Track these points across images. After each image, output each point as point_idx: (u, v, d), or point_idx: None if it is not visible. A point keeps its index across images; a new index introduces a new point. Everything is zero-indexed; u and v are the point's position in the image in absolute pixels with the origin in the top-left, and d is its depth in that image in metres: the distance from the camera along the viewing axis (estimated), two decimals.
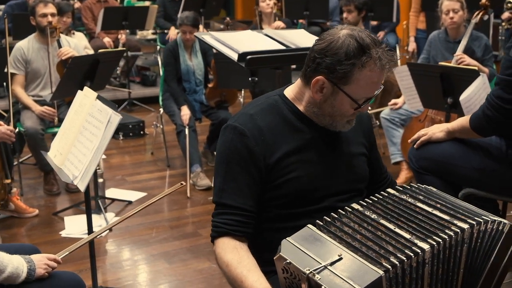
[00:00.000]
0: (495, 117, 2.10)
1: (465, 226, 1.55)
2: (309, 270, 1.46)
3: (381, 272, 1.42)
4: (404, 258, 1.47)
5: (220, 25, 10.16)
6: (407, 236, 1.54)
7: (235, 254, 1.72)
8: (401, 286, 1.49)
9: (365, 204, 1.68)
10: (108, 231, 3.95)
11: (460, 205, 1.67)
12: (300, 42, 3.54)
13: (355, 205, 1.68)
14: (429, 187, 1.77)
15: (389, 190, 1.73)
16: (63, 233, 3.94)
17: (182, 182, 2.55)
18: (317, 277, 1.44)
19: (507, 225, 1.61)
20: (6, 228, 4.02)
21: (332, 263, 1.47)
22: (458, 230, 1.54)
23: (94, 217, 4.09)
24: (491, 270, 1.65)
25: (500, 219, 1.61)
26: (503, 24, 7.14)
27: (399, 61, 7.42)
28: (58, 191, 4.63)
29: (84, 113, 2.78)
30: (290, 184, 1.79)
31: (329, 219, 1.63)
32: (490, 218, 1.59)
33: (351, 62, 1.67)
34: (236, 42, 3.38)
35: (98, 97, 2.76)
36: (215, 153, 5.49)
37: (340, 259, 1.48)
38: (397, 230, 1.56)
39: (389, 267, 1.44)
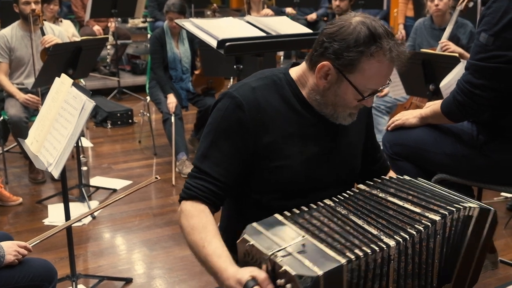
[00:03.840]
0: (465, 102, 2.09)
1: (437, 218, 1.54)
2: (271, 251, 1.45)
3: (343, 261, 1.41)
4: (369, 251, 1.45)
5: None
6: (375, 232, 1.52)
7: (202, 218, 1.67)
8: (363, 281, 1.47)
9: (337, 200, 1.68)
10: (91, 218, 3.95)
11: (433, 193, 1.66)
12: (281, 29, 3.52)
13: (327, 201, 1.67)
14: (401, 177, 1.75)
15: (360, 186, 1.71)
16: (46, 221, 3.94)
17: (157, 177, 2.55)
18: (279, 259, 1.43)
19: (476, 209, 1.60)
20: None
21: (294, 248, 1.46)
22: (429, 223, 1.52)
23: (78, 205, 4.13)
24: (466, 256, 1.65)
25: (470, 204, 1.60)
26: None
27: None
28: (43, 180, 4.63)
29: (60, 100, 2.77)
30: (281, 171, 1.74)
31: (297, 211, 1.62)
32: (461, 205, 1.58)
33: (360, 49, 1.59)
34: (216, 29, 3.37)
35: (74, 84, 2.75)
36: None
37: (303, 245, 1.47)
38: (366, 226, 1.55)
39: (352, 257, 1.43)
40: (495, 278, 3.14)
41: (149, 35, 8.53)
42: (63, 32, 4.78)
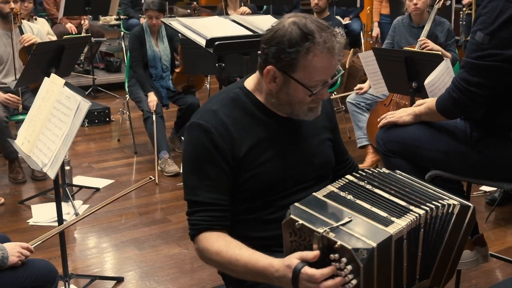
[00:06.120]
0: (461, 99, 2.15)
1: (421, 212, 1.59)
2: (323, 229, 1.49)
3: (392, 231, 1.49)
4: (409, 221, 1.53)
5: (184, 10, 10.09)
6: (384, 214, 1.58)
7: (221, 240, 1.72)
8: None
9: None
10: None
11: (413, 188, 1.70)
12: (267, 27, 3.55)
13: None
14: (381, 171, 1.79)
15: (349, 176, 1.74)
16: (31, 221, 3.90)
17: (151, 177, 2.57)
18: (332, 235, 1.47)
19: (456, 206, 1.66)
20: None
21: (343, 224, 1.51)
22: (415, 216, 1.58)
23: (62, 205, 4.07)
24: (445, 252, 1.71)
25: (451, 201, 1.66)
26: (464, 9, 7.28)
27: (363, 46, 7.52)
28: (23, 179, 4.58)
29: (52, 100, 2.75)
30: (258, 178, 1.80)
31: (330, 190, 1.66)
32: (443, 202, 1.64)
33: (295, 49, 1.66)
34: (204, 28, 3.38)
35: (66, 84, 2.74)
36: (183, 138, 5.48)
37: (351, 220, 1.52)
38: (374, 209, 1.60)
39: (399, 228, 1.51)
40: (479, 271, 3.23)
41: (122, 33, 8.47)
42: (41, 30, 4.73)
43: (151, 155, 5.12)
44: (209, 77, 6.40)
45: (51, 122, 2.69)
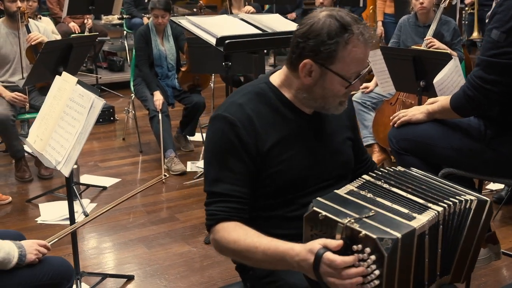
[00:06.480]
0: (476, 97, 2.17)
1: (440, 209, 1.60)
2: (347, 219, 1.49)
3: (416, 225, 1.50)
4: (430, 217, 1.54)
5: (184, 9, 10.11)
6: (405, 211, 1.58)
7: (239, 229, 1.71)
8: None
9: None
10: (84, 216, 3.93)
11: (430, 186, 1.72)
12: (276, 26, 3.56)
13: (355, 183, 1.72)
14: (397, 169, 1.81)
15: (365, 176, 1.76)
16: (39, 220, 3.91)
17: (165, 174, 2.57)
18: (356, 225, 1.47)
19: (474, 201, 1.67)
20: None
21: (367, 217, 1.51)
22: (435, 213, 1.58)
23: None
24: (464, 247, 1.72)
25: (468, 196, 1.67)
26: (466, 8, 7.30)
27: None
28: (30, 178, 4.58)
29: (64, 98, 2.76)
30: (281, 174, 1.80)
31: (351, 187, 1.68)
32: (460, 198, 1.65)
33: (335, 40, 1.68)
34: (213, 27, 3.39)
35: (78, 82, 2.75)
36: (188, 137, 5.49)
37: (374, 214, 1.53)
38: (395, 206, 1.60)
39: (422, 222, 1.52)
40: (488, 269, 3.25)
41: (125, 32, 8.49)
42: (47, 29, 4.74)
43: (156, 153, 5.12)
44: (213, 76, 6.41)
45: (64, 120, 2.70)
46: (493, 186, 4.20)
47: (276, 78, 1.87)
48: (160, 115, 4.83)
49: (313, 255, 1.48)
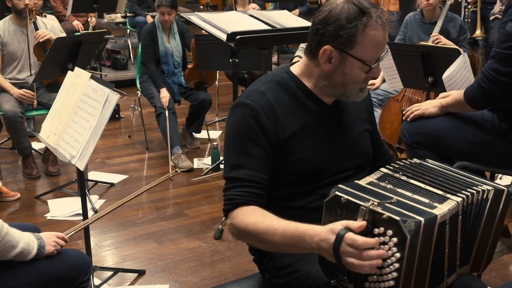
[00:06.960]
0: (490, 89, 2.18)
1: (458, 199, 1.61)
2: (370, 202, 1.49)
3: (438, 213, 1.50)
4: (450, 206, 1.55)
5: (184, 8, 10.14)
6: (426, 200, 1.59)
7: (258, 212, 1.71)
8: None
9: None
10: (93, 212, 3.95)
11: (447, 177, 1.72)
12: (285, 22, 3.57)
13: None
14: (413, 161, 1.82)
15: (383, 169, 1.76)
16: (48, 216, 3.92)
17: (177, 170, 2.58)
18: (379, 208, 1.47)
19: (491, 191, 1.68)
20: None
21: (389, 202, 1.52)
22: (455, 203, 1.59)
23: (78, 199, 4.09)
24: (483, 237, 1.73)
25: (485, 186, 1.68)
26: (469, 7, 7.31)
27: None
28: (38, 175, 4.59)
29: (78, 93, 2.77)
30: (301, 162, 1.81)
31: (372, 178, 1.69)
32: (478, 188, 1.66)
33: (354, 24, 1.70)
34: (224, 23, 3.40)
35: (92, 77, 2.76)
36: (194, 134, 5.48)
37: (396, 200, 1.53)
38: (415, 196, 1.61)
39: (443, 211, 1.53)
40: (498, 264, 3.26)
41: (128, 30, 8.50)
42: (55, 26, 4.75)
43: (162, 151, 5.14)
44: (217, 74, 6.42)
45: (78, 115, 2.71)
46: (503, 181, 4.21)
47: (296, 68, 1.89)
48: (166, 112, 4.84)
49: (334, 234, 1.47)
